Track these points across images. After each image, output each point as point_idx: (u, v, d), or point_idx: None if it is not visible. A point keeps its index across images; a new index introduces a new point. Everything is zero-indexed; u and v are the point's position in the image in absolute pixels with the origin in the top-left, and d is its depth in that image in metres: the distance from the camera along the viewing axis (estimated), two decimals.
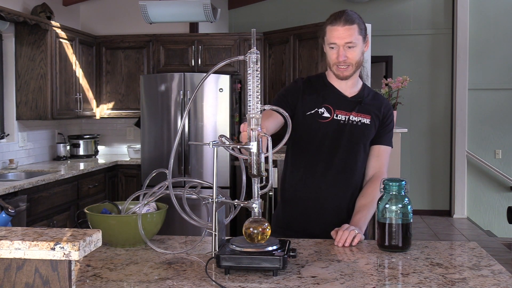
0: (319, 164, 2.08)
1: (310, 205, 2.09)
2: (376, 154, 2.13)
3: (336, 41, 1.99)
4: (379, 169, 2.11)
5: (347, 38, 1.98)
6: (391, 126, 2.16)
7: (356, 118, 2.08)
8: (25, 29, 4.61)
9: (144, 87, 5.09)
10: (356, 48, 2.01)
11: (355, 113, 2.09)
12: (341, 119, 2.07)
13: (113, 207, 1.92)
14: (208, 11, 4.71)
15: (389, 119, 2.14)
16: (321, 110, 2.08)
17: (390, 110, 2.16)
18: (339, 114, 2.08)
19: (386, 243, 1.71)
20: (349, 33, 1.98)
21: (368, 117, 2.09)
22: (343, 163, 2.07)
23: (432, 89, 7.35)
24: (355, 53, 2.01)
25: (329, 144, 2.08)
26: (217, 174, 1.65)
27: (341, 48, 1.99)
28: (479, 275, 1.47)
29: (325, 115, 2.08)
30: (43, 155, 5.12)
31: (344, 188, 2.08)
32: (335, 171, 2.07)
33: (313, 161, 2.09)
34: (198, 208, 4.29)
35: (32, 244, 1.07)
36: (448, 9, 7.26)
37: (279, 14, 7.33)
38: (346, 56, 2.00)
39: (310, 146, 2.10)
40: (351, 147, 2.08)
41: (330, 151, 2.08)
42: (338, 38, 1.99)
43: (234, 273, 1.47)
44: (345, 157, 2.07)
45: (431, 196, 7.37)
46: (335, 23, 2.00)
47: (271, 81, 5.53)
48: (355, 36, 1.99)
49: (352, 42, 1.99)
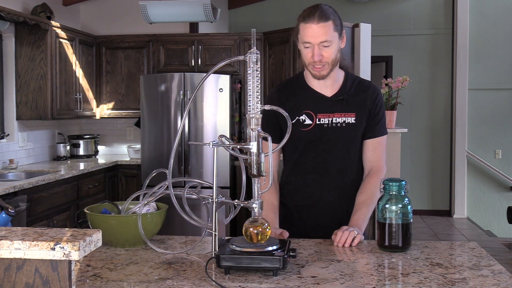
0: (310, 172, 2.04)
1: (307, 211, 2.06)
2: (371, 148, 2.05)
3: (311, 40, 1.88)
4: (376, 163, 2.04)
5: (321, 36, 1.87)
6: (381, 113, 2.04)
7: (340, 119, 1.99)
8: (25, 29, 4.61)
9: (144, 87, 5.09)
10: (332, 46, 1.90)
11: (338, 113, 2.00)
12: (324, 123, 1.99)
13: (113, 207, 1.92)
14: (208, 11, 4.71)
15: (377, 108, 2.03)
16: (302, 117, 2.00)
17: (377, 98, 2.03)
18: (321, 118, 1.99)
19: (386, 243, 1.71)
20: (323, 30, 1.86)
21: (353, 115, 2.00)
22: (333, 167, 2.02)
23: (432, 89, 7.35)
24: (331, 51, 1.90)
25: (316, 150, 2.02)
26: (217, 174, 1.65)
27: (316, 47, 1.88)
28: (479, 275, 1.47)
29: (306, 122, 2.00)
30: (43, 155, 5.12)
31: (338, 191, 2.04)
32: (327, 176, 2.03)
33: (303, 169, 2.05)
34: (198, 208, 4.29)
35: (32, 244, 1.07)
36: (448, 9, 7.26)
37: (279, 14, 7.33)
38: (321, 55, 1.90)
39: (298, 155, 2.04)
40: (338, 149, 2.02)
41: (318, 157, 2.02)
42: (312, 37, 1.87)
43: (234, 273, 1.47)
44: (334, 161, 2.02)
45: (431, 196, 7.37)
46: (308, 20, 1.87)
47: (271, 81, 5.53)
48: (330, 34, 1.88)
49: (328, 41, 1.88)
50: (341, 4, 7.16)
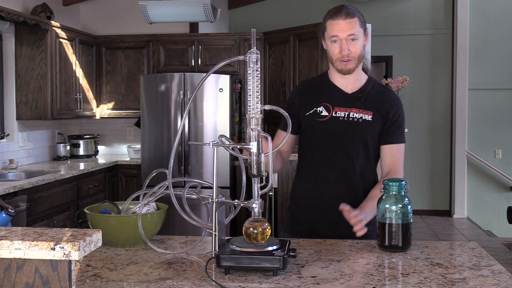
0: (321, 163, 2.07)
1: (316, 206, 2.08)
2: (389, 154, 2.08)
3: (339, 34, 1.98)
4: (394, 167, 2.06)
5: (349, 30, 1.97)
6: (400, 122, 2.08)
7: (357, 115, 2.04)
8: (25, 29, 4.61)
9: (144, 87, 5.09)
10: (358, 41, 2.00)
11: (356, 109, 2.05)
12: (340, 116, 2.04)
13: (113, 207, 1.92)
14: (208, 11, 4.71)
15: (395, 115, 2.07)
16: (319, 109, 2.06)
17: (395, 106, 2.08)
18: (338, 111, 2.05)
19: (386, 243, 1.71)
20: (351, 25, 1.97)
21: (370, 113, 2.05)
22: (342, 161, 2.05)
23: (432, 89, 7.35)
24: (357, 46, 2.00)
25: (329, 142, 2.06)
26: (217, 174, 1.65)
27: (343, 41, 1.98)
28: (479, 275, 1.47)
29: (323, 113, 2.06)
30: (43, 155, 5.12)
31: (345, 185, 2.06)
32: (335, 169, 2.05)
33: (315, 162, 2.08)
34: (198, 208, 4.29)
35: (32, 244, 1.07)
36: (448, 9, 7.26)
37: (279, 14, 7.33)
38: (349, 49, 1.98)
39: (311, 147, 2.09)
40: (351, 144, 2.04)
41: (331, 149, 2.05)
42: (340, 31, 1.97)
43: (234, 273, 1.47)
44: (345, 155, 2.04)
45: (431, 196, 7.37)
46: (335, 17, 1.98)
47: (271, 81, 5.53)
48: (357, 29, 1.98)
49: (355, 34, 1.97)
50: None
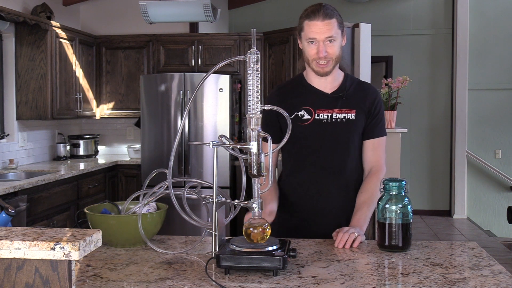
0: (307, 167, 2.04)
1: (305, 209, 2.06)
2: (371, 148, 2.06)
3: (316, 36, 1.93)
4: (376, 163, 2.05)
5: (327, 32, 1.93)
6: (381, 115, 2.07)
7: (340, 115, 2.02)
8: (25, 29, 4.61)
9: (144, 87, 5.09)
10: (336, 42, 1.96)
11: (338, 109, 2.02)
12: (323, 118, 2.02)
13: (113, 207, 1.92)
14: (208, 11, 4.71)
15: (376, 108, 2.06)
16: (300, 113, 2.03)
17: (376, 99, 2.07)
18: (320, 113, 2.02)
19: (386, 243, 1.71)
20: (329, 27, 1.93)
21: (353, 111, 2.03)
22: (331, 163, 2.03)
23: (432, 89, 7.35)
24: (335, 47, 1.96)
25: (314, 146, 2.03)
26: (217, 174, 1.65)
27: (321, 43, 1.94)
28: (479, 275, 1.47)
29: (305, 117, 2.02)
30: (43, 155, 5.12)
31: (336, 188, 2.04)
32: (324, 172, 2.03)
33: (302, 166, 2.05)
34: (198, 208, 4.29)
35: (32, 244, 1.07)
36: (448, 9, 7.26)
37: (279, 14, 7.33)
38: (326, 51, 1.95)
39: (296, 152, 2.05)
40: (338, 145, 2.02)
41: (316, 152, 2.03)
42: (318, 33, 1.93)
43: (234, 273, 1.47)
44: (333, 157, 2.02)
45: (431, 196, 7.37)
46: (313, 17, 1.94)
47: (271, 81, 5.53)
48: (335, 30, 1.94)
49: (333, 37, 1.94)
50: (341, 4, 7.16)
